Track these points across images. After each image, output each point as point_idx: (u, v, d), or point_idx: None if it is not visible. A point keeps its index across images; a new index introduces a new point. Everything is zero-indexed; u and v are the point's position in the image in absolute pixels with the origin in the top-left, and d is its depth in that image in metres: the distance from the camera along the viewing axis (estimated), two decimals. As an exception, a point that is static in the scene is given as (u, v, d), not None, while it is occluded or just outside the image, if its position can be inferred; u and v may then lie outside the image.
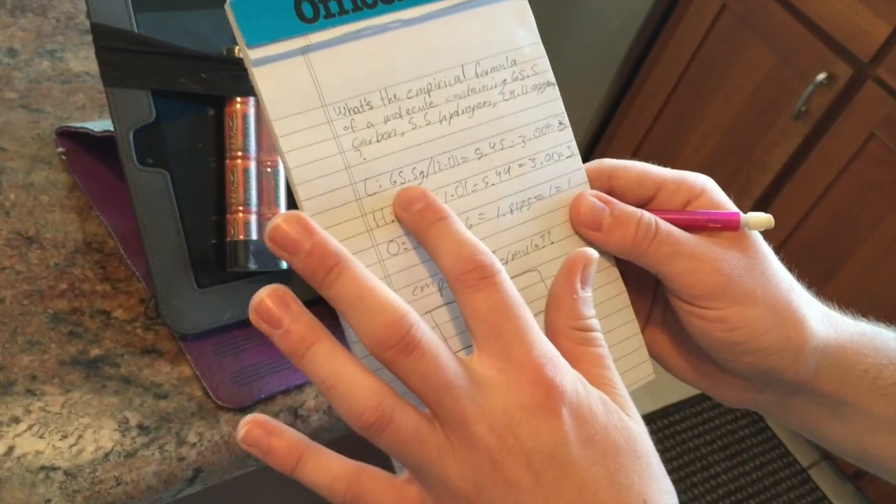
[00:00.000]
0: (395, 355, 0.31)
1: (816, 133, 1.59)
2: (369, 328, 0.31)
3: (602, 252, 0.41)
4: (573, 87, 1.90)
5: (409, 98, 0.37)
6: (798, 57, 1.57)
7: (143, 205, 0.51)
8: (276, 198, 0.54)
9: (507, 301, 0.33)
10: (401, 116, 0.37)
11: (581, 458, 0.32)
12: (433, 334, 0.32)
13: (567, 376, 0.33)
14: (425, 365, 0.31)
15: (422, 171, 0.37)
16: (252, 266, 0.53)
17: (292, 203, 0.55)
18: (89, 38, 0.70)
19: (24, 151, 0.60)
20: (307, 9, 0.35)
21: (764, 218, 0.40)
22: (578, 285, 0.36)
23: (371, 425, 0.31)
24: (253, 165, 0.53)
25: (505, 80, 0.40)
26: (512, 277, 0.37)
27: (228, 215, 0.53)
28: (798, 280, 0.43)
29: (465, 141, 0.38)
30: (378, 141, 0.36)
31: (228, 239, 0.53)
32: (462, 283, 0.33)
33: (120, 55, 0.50)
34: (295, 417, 0.51)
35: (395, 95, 0.37)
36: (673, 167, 0.43)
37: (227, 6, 0.33)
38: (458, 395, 0.31)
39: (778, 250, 0.43)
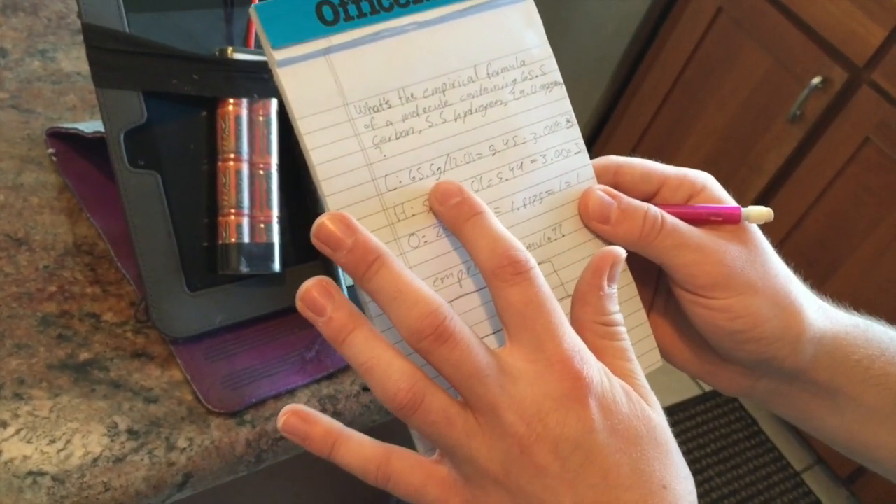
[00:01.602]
0: (429, 345, 0.33)
1: (811, 137, 1.59)
2: (406, 319, 0.33)
3: (609, 244, 0.43)
4: (569, 90, 1.89)
5: (425, 97, 0.39)
6: (793, 61, 1.57)
7: (133, 207, 0.50)
8: (269, 200, 0.53)
9: (540, 296, 0.35)
10: (418, 115, 0.38)
11: (605, 445, 0.34)
12: (465, 326, 0.34)
13: (594, 369, 0.35)
14: (458, 354, 0.33)
15: (439, 167, 0.39)
16: (244, 269, 0.52)
17: (285, 205, 0.55)
18: (81, 38, 0.69)
19: (13, 152, 0.59)
20: (328, 12, 0.37)
21: (764, 211, 0.42)
22: (605, 282, 0.38)
23: (404, 405, 0.33)
24: (245, 168, 0.53)
25: (515, 80, 0.41)
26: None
27: (220, 218, 0.52)
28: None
29: (479, 138, 0.40)
30: (397, 138, 0.38)
31: (220, 242, 0.52)
32: (497, 277, 0.35)
33: (111, 56, 0.50)
34: (286, 422, 0.51)
35: (412, 94, 0.38)
36: None
37: (251, 9, 0.35)
38: (488, 383, 0.33)
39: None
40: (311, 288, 0.35)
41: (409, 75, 0.38)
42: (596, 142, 2.07)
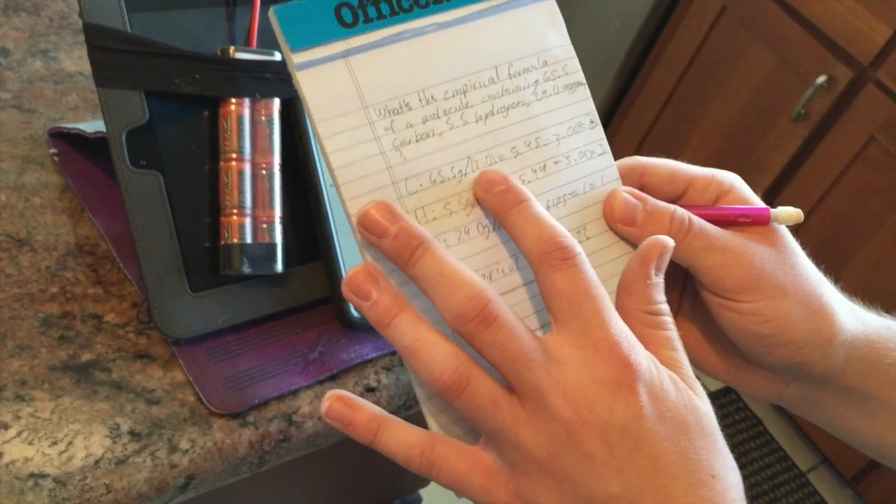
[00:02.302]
0: (474, 328, 0.33)
1: (816, 136, 1.59)
2: (450, 302, 0.33)
3: (635, 246, 0.42)
4: (572, 89, 1.89)
5: (445, 99, 0.38)
6: (798, 59, 1.57)
7: (135, 207, 0.50)
8: (271, 200, 0.53)
9: (587, 281, 0.35)
10: (438, 117, 0.38)
11: (653, 433, 0.33)
12: (510, 309, 0.34)
13: (641, 355, 0.34)
14: (503, 337, 0.33)
15: (460, 170, 0.38)
16: (246, 270, 0.52)
17: (287, 206, 0.54)
18: (83, 38, 0.69)
19: (15, 152, 0.59)
20: (347, 14, 0.36)
21: (793, 212, 0.42)
22: (653, 271, 0.37)
23: (449, 387, 0.34)
24: (248, 168, 0.53)
25: (537, 81, 0.41)
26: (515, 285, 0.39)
27: (222, 218, 0.52)
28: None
29: (501, 140, 0.39)
30: (417, 141, 0.37)
31: (222, 242, 0.52)
32: (544, 263, 0.35)
33: (113, 55, 0.50)
34: (289, 424, 0.51)
35: (432, 97, 0.38)
36: None
37: (270, 13, 0.35)
38: (534, 367, 0.33)
39: None
40: (358, 272, 0.35)
41: (429, 77, 0.38)
42: (599, 141, 2.06)
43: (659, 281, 0.38)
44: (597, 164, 0.42)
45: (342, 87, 0.36)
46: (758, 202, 0.43)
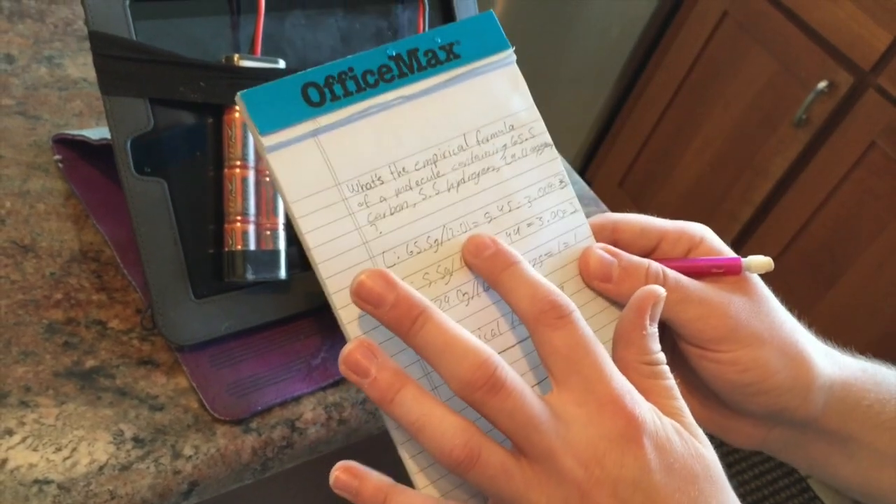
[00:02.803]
0: (483, 396, 0.33)
1: (817, 141, 1.59)
2: (457, 372, 0.33)
3: (614, 302, 0.42)
4: (574, 94, 1.90)
5: (417, 170, 0.39)
6: (799, 65, 1.57)
7: (140, 214, 0.50)
8: (275, 207, 0.53)
9: (584, 338, 0.35)
10: (411, 188, 0.38)
11: (664, 485, 0.33)
12: (516, 374, 0.34)
13: (644, 408, 0.35)
14: (512, 403, 0.33)
15: (436, 240, 0.38)
16: (250, 276, 0.52)
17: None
18: (87, 44, 0.69)
19: (20, 159, 0.59)
20: (314, 93, 0.37)
21: (764, 261, 0.42)
22: (647, 321, 0.38)
23: (461, 462, 0.33)
24: (252, 175, 0.53)
25: (505, 145, 0.41)
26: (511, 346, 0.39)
27: (226, 225, 0.52)
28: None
29: (474, 206, 0.40)
30: (392, 214, 0.38)
31: (226, 249, 0.52)
32: (540, 323, 0.35)
33: (118, 63, 0.50)
34: (292, 430, 0.51)
35: (403, 168, 0.38)
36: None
37: (237, 97, 0.35)
38: (544, 430, 0.33)
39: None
40: (354, 350, 0.35)
41: (399, 149, 0.38)
42: (601, 146, 2.06)
43: (654, 331, 0.38)
44: (569, 223, 0.42)
45: (314, 166, 0.36)
46: (728, 252, 0.43)
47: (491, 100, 0.41)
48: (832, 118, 1.55)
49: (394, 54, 0.39)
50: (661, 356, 0.38)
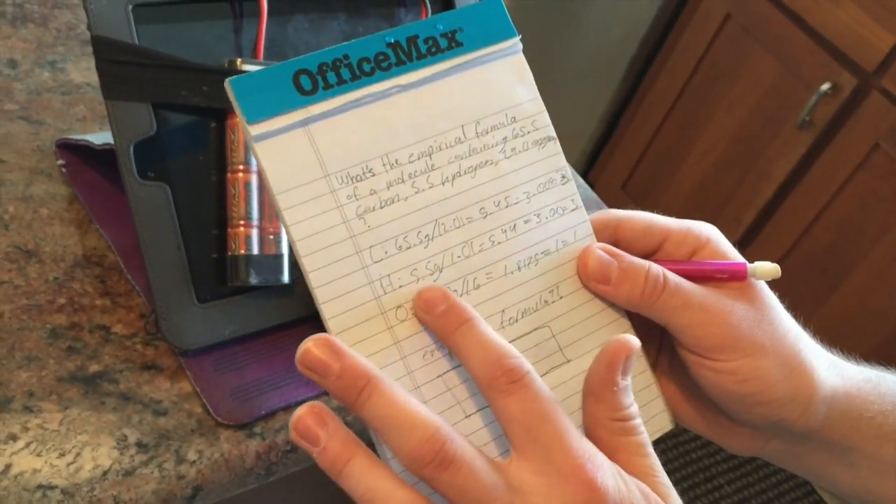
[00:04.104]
0: (431, 471, 0.31)
1: (820, 143, 1.59)
2: (404, 446, 0.32)
3: (611, 304, 0.41)
4: (576, 96, 1.90)
5: (410, 162, 0.37)
6: (802, 67, 1.57)
7: (143, 218, 0.50)
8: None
9: (540, 403, 0.33)
10: (403, 181, 0.37)
11: None
12: (468, 446, 0.32)
13: (608, 474, 0.33)
14: (462, 479, 0.31)
15: (427, 235, 0.37)
16: (253, 280, 0.52)
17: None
18: (90, 49, 0.69)
19: (23, 163, 0.59)
20: (306, 82, 0.35)
21: (770, 268, 0.40)
22: (619, 377, 0.36)
23: None
24: (254, 179, 0.53)
25: (506, 138, 0.40)
26: (523, 335, 0.38)
27: (229, 229, 0.52)
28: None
29: (468, 201, 0.38)
30: (382, 207, 0.36)
31: (229, 253, 0.52)
32: (493, 389, 0.33)
33: (121, 68, 0.50)
34: (296, 434, 0.51)
35: (396, 160, 0.37)
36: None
37: (226, 83, 0.34)
38: None
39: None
40: (304, 416, 0.33)
41: (393, 141, 0.37)
42: (604, 149, 2.06)
43: (626, 384, 0.37)
44: (569, 221, 0.41)
45: (302, 156, 0.35)
46: (735, 255, 0.42)
47: (493, 90, 0.40)
48: (835, 120, 1.55)
49: (392, 41, 0.37)
50: (634, 409, 0.37)
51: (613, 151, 2.03)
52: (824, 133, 1.57)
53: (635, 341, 0.37)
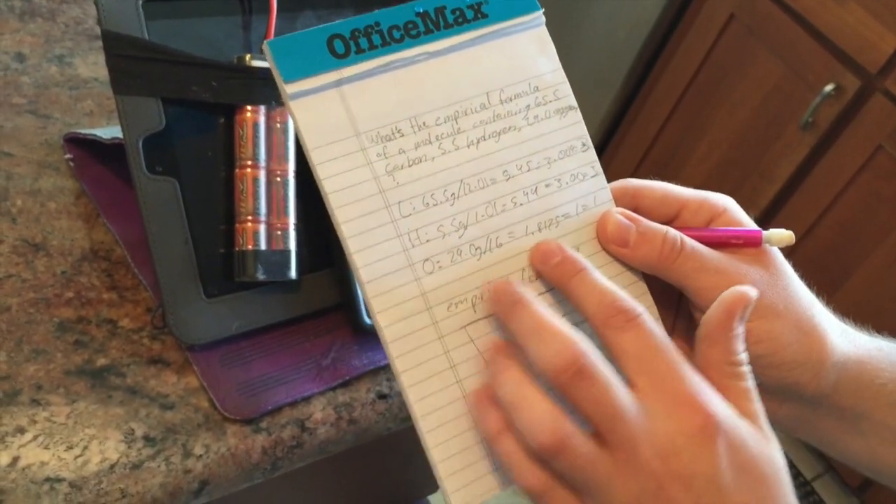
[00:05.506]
0: (568, 379, 0.34)
1: (824, 144, 1.59)
2: (545, 353, 0.34)
3: (629, 267, 0.42)
4: (580, 96, 1.89)
5: (437, 125, 0.39)
6: (806, 68, 1.57)
7: (151, 213, 0.50)
8: (286, 207, 0.53)
9: (654, 339, 0.35)
10: (430, 142, 0.39)
11: (735, 483, 0.34)
12: (604, 362, 0.35)
13: (720, 406, 0.35)
14: (597, 390, 0.34)
15: (453, 193, 0.39)
16: (260, 276, 0.52)
17: (301, 213, 0.55)
18: (98, 43, 0.70)
19: (31, 157, 0.59)
20: (339, 45, 0.38)
21: (785, 234, 0.42)
22: (736, 322, 0.38)
23: (548, 448, 0.34)
24: (262, 175, 0.53)
25: (528, 106, 0.42)
26: (543, 292, 0.40)
27: (237, 225, 0.52)
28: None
29: (492, 164, 0.40)
30: (409, 166, 0.38)
31: (237, 248, 0.52)
32: (609, 327, 0.36)
33: (131, 63, 0.50)
34: (302, 430, 0.51)
35: (424, 123, 0.39)
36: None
37: (264, 45, 0.36)
38: (627, 418, 0.34)
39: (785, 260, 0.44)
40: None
41: (420, 104, 0.39)
42: (607, 147, 2.06)
43: (741, 331, 0.38)
44: (589, 186, 0.42)
45: (335, 115, 0.37)
46: (751, 224, 0.43)
47: (516, 61, 0.42)
48: (839, 121, 1.55)
49: (421, 11, 0.39)
50: (745, 356, 0.38)
51: (616, 151, 2.03)
52: (827, 134, 1.57)
53: (754, 292, 0.38)
